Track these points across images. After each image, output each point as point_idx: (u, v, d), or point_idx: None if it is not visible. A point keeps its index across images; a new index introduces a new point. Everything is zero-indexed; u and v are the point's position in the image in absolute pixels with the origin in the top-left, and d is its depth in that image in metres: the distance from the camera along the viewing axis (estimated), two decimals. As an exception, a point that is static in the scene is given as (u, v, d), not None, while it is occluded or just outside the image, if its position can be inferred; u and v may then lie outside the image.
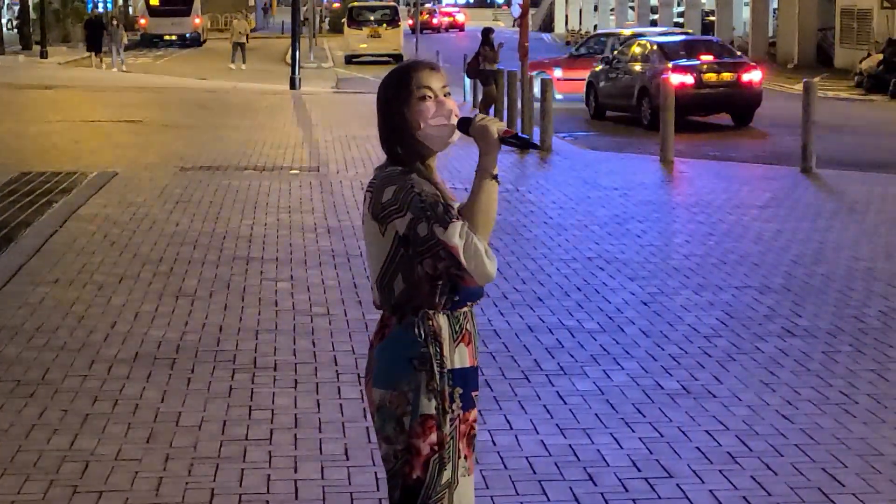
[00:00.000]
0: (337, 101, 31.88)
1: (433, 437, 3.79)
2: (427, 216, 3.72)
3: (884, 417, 6.91)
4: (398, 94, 3.89)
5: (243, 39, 46.37)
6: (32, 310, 9.25)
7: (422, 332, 3.80)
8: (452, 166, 15.33)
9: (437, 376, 3.80)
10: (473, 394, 3.92)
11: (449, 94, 3.95)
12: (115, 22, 49.50)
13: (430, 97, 3.87)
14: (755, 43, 51.18)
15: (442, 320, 3.83)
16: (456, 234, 3.70)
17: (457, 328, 3.87)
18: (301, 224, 12.89)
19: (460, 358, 3.87)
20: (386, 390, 3.82)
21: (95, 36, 47.18)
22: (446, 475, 3.82)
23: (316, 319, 9.02)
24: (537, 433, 6.62)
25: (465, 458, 3.89)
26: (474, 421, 3.94)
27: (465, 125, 3.89)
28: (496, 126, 3.84)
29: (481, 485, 5.88)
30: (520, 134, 3.93)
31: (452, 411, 3.83)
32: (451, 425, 3.83)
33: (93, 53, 46.75)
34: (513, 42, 28.50)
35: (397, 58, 48.20)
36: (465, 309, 3.90)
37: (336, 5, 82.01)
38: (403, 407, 3.79)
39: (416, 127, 3.86)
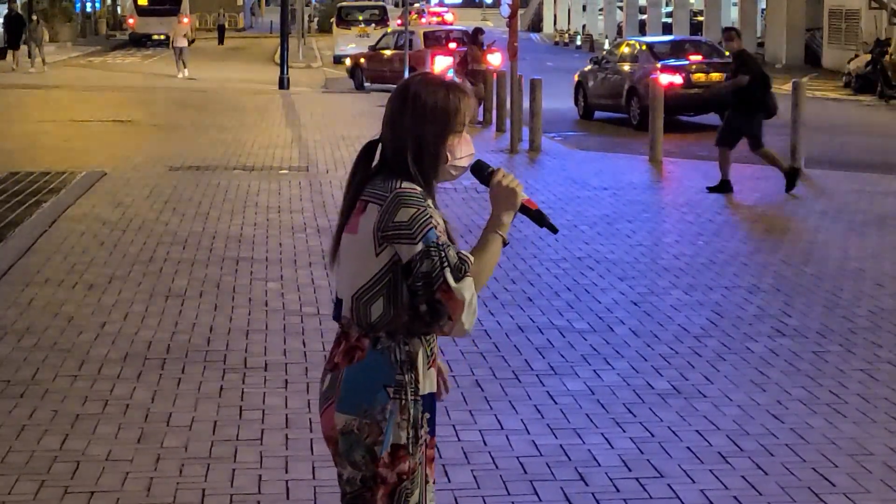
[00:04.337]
0: (326, 100, 31.86)
1: (403, 466, 3.64)
2: (441, 258, 3.53)
3: (874, 417, 6.93)
4: (446, 121, 3.65)
5: (184, 43, 41.95)
6: (22, 310, 9.23)
7: (398, 358, 3.63)
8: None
9: (411, 405, 3.64)
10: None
11: None
12: (34, 18, 45.07)
13: (461, 132, 3.70)
14: (743, 43, 51.22)
15: (417, 346, 3.66)
16: (466, 289, 3.54)
17: (429, 352, 3.71)
18: (291, 224, 12.88)
19: (430, 383, 3.72)
20: (353, 416, 3.62)
21: (14, 32, 43.11)
22: (413, 501, 3.68)
23: (306, 319, 9.02)
24: (528, 433, 6.63)
25: (434, 482, 3.77)
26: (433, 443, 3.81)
27: (480, 171, 3.73)
28: (520, 190, 3.69)
29: (472, 485, 5.89)
30: (540, 210, 3.78)
31: (421, 437, 3.68)
32: (419, 452, 3.68)
33: (12, 51, 42.80)
34: (502, 42, 28.50)
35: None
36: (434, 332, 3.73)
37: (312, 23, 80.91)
38: (375, 436, 3.61)
39: (446, 160, 3.67)
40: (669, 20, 63.54)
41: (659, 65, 24.62)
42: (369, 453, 3.62)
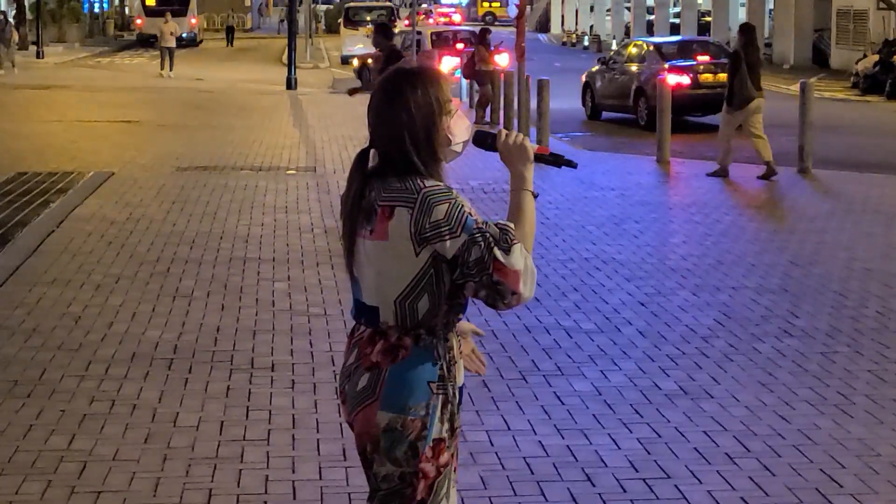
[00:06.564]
0: (333, 101, 31.87)
1: (442, 458, 3.69)
2: (485, 239, 3.53)
3: (881, 418, 6.92)
4: (433, 110, 3.67)
5: (172, 43, 41.95)
6: (29, 310, 9.24)
7: (440, 354, 3.66)
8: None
9: (452, 398, 3.69)
10: None
11: None
12: (2, 17, 43.92)
13: (454, 111, 3.74)
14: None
15: (453, 339, 3.71)
16: (518, 258, 3.55)
17: (458, 344, 3.77)
18: (298, 224, 12.88)
19: (461, 374, 3.78)
20: (397, 414, 3.63)
21: None
22: (443, 491, 3.73)
23: (313, 320, 9.02)
24: (535, 434, 6.62)
25: (455, 469, 3.81)
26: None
27: (484, 140, 3.79)
28: (527, 142, 3.73)
29: (479, 486, 5.89)
30: (553, 152, 3.85)
31: (456, 428, 3.73)
32: (454, 443, 3.74)
33: None
34: (510, 43, 28.54)
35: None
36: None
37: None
38: (418, 432, 3.64)
39: (447, 142, 3.69)
40: (677, 21, 63.51)
41: (666, 65, 24.59)
42: (412, 449, 3.65)
